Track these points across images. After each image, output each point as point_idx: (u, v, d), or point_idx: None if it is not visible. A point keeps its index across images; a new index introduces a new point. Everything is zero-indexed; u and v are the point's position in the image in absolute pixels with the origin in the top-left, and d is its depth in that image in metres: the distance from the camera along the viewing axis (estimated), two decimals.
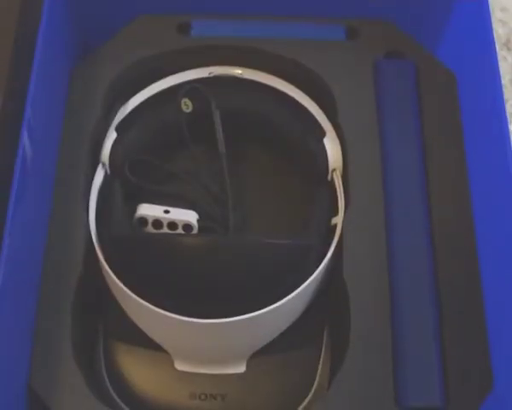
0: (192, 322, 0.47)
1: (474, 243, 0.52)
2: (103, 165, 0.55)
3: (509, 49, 0.72)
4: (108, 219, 0.52)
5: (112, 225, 0.52)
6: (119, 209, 0.53)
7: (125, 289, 0.48)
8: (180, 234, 0.53)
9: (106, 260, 0.50)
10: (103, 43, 0.59)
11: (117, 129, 0.55)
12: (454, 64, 0.59)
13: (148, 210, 0.54)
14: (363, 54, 0.58)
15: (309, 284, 0.49)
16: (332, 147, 0.55)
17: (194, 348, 0.50)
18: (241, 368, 0.50)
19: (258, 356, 0.50)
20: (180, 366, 0.50)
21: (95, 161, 0.55)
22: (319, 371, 0.50)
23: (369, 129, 0.55)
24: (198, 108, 0.56)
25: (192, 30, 0.60)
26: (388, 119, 0.56)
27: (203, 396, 0.50)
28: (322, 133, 0.55)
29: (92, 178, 0.54)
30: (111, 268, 0.49)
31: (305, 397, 0.50)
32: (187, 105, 0.56)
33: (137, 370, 0.50)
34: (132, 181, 0.54)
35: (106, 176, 0.54)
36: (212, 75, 0.58)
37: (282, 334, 0.51)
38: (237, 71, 0.58)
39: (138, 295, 0.48)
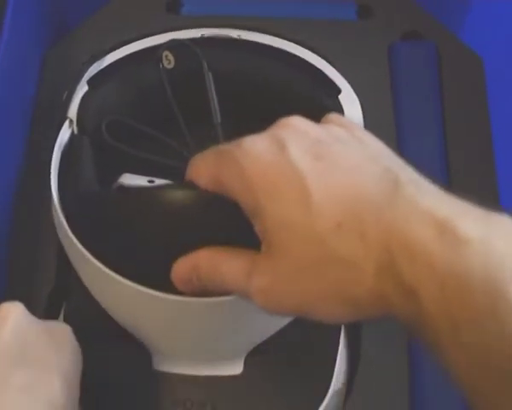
0: (176, 301, 0.39)
1: None
2: (71, 122, 0.49)
3: None
4: (75, 178, 0.46)
5: (79, 184, 0.45)
6: (89, 168, 0.47)
7: (90, 257, 0.41)
8: (166, 185, 0.44)
9: (67, 221, 0.42)
10: (81, 23, 0.58)
11: (89, 82, 0.50)
12: (480, 48, 0.57)
13: (130, 180, 0.45)
14: (377, 35, 0.57)
15: None
16: None
17: (178, 341, 0.44)
18: (236, 369, 0.44)
19: (259, 354, 0.45)
20: (160, 365, 0.44)
21: None
22: (335, 373, 0.45)
23: (383, 121, 0.54)
24: (183, 65, 0.51)
25: (183, 8, 0.59)
26: (406, 109, 0.55)
27: (189, 404, 0.44)
28: (337, 92, 0.51)
29: None
30: (74, 233, 0.42)
31: (318, 407, 0.44)
32: (169, 60, 0.50)
33: (105, 370, 0.44)
34: (109, 142, 0.47)
35: (73, 135, 0.49)
36: (204, 36, 0.53)
37: (290, 325, 0.44)
38: (235, 33, 0.53)
39: (110, 268, 0.40)
